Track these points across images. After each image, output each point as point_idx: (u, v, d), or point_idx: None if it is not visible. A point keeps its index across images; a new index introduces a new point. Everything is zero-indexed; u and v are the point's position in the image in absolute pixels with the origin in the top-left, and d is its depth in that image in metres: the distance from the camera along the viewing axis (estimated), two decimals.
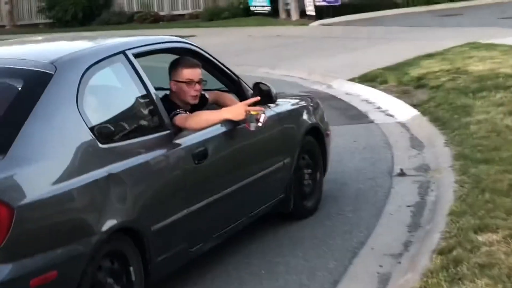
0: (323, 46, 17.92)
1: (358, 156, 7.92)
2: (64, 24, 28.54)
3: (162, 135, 4.76)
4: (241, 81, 5.80)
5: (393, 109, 10.38)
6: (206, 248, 5.14)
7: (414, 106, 10.17)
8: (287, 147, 6.08)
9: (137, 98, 4.79)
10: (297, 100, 6.82)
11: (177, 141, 4.84)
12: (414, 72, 12.66)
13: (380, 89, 11.89)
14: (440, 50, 14.83)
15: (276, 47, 18.62)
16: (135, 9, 29.16)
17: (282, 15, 25.03)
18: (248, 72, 15.20)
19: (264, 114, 5.24)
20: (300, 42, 19.29)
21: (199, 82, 5.21)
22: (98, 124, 4.28)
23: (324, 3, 23.84)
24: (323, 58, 15.77)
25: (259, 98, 5.37)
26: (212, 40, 21.11)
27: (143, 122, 4.80)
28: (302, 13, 24.38)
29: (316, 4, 23.87)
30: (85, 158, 4.10)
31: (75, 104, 4.13)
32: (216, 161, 5.22)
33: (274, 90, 5.78)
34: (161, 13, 28.85)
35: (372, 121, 9.79)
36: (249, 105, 5.20)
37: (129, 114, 4.75)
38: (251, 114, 5.15)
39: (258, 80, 5.84)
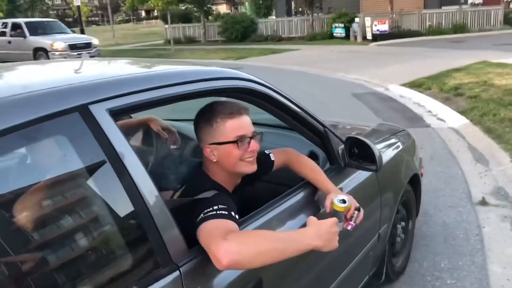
0: (379, 59, 13.73)
1: (429, 169, 4.26)
2: (230, 41, 25.62)
3: None
4: (329, 131, 1.72)
5: (442, 114, 6.59)
6: None
7: (461, 113, 6.32)
8: (385, 214, 2.13)
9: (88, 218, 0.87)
10: (394, 142, 2.48)
11: None
12: (450, 82, 8.64)
13: (426, 94, 8.00)
14: (463, 66, 10.58)
15: (348, 58, 14.62)
16: (269, 33, 25.60)
17: (352, 38, 21.04)
18: (329, 75, 11.66)
19: (360, 211, 1.43)
20: (364, 56, 15.11)
21: (254, 136, 1.30)
22: None
23: (378, 32, 19.82)
24: (380, 68, 11.77)
25: (361, 211, 1.37)
26: (309, 52, 17.75)
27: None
28: (364, 38, 20.30)
29: (373, 32, 19.88)
30: None
31: None
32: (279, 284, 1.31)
33: (377, 151, 1.65)
34: (283, 36, 25.25)
35: (429, 125, 6.04)
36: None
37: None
38: (336, 211, 1.37)
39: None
